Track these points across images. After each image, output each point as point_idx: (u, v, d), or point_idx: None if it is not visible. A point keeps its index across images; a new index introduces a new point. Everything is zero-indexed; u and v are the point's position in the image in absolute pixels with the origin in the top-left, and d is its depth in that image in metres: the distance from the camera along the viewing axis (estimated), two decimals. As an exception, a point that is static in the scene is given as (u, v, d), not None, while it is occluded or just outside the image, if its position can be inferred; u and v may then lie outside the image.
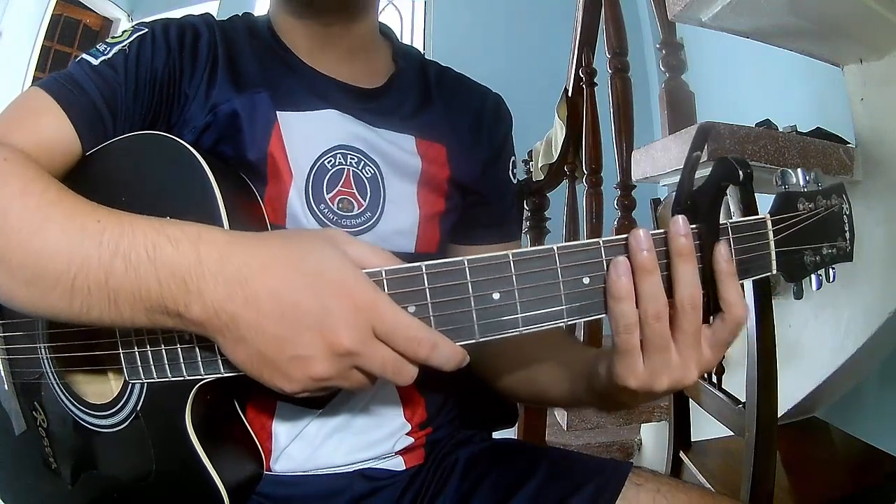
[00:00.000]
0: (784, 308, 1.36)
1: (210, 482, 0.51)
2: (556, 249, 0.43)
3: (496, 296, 0.42)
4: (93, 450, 0.57)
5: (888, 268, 1.12)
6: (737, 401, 0.95)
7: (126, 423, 0.54)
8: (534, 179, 2.20)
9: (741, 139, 1.10)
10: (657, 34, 1.92)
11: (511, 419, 0.80)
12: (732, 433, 0.97)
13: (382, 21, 0.72)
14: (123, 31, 0.60)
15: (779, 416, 0.88)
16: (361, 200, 0.62)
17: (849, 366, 1.22)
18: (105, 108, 0.55)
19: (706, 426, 1.20)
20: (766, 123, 1.32)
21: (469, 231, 0.72)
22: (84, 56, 0.57)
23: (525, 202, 2.06)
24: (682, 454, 1.24)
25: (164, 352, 0.48)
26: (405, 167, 0.64)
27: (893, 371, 1.33)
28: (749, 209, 0.57)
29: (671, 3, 1.20)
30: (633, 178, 1.53)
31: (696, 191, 0.46)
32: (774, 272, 0.48)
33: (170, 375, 0.49)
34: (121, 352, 0.50)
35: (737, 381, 0.90)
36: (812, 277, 0.50)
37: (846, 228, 0.51)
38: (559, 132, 2.06)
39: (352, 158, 0.62)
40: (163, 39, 0.59)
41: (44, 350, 0.58)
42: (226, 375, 0.46)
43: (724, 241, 0.44)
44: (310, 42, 0.65)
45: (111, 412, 0.55)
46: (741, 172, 0.44)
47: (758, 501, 0.84)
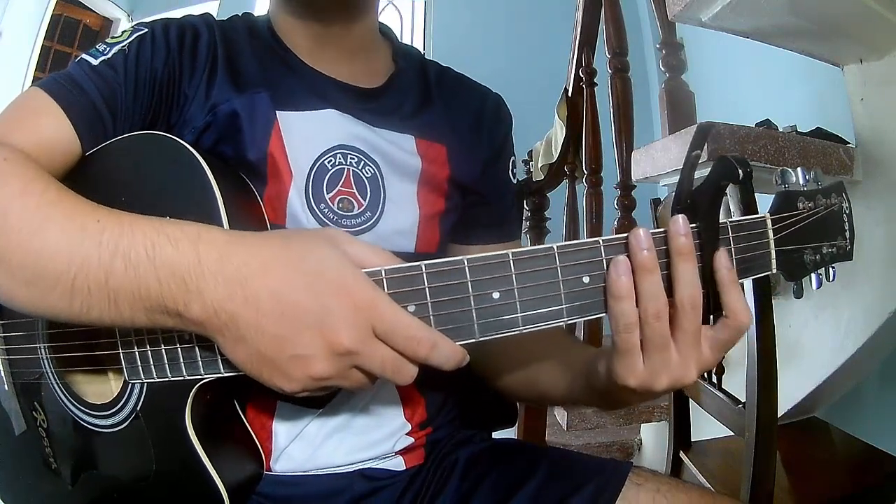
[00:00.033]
0: (784, 308, 1.36)
1: (210, 482, 0.51)
2: (556, 249, 0.43)
3: (496, 295, 0.42)
4: (93, 450, 0.57)
5: (888, 268, 1.11)
6: (737, 401, 0.95)
7: (126, 423, 0.54)
8: (534, 179, 2.20)
9: (741, 139, 1.10)
10: (657, 34, 1.92)
11: (511, 419, 0.80)
12: (732, 433, 0.97)
13: (382, 21, 0.72)
14: (123, 32, 0.60)
15: (779, 416, 0.88)
16: (361, 200, 0.62)
17: (849, 366, 1.22)
18: (105, 109, 0.55)
19: (706, 426, 1.20)
20: (766, 123, 1.32)
21: (469, 231, 0.72)
22: (84, 56, 0.57)
23: (525, 202, 2.06)
24: (682, 454, 1.24)
25: (164, 352, 0.48)
26: (405, 167, 0.64)
27: (893, 371, 1.33)
28: (749, 208, 0.57)
29: (671, 3, 1.20)
30: (633, 178, 1.53)
31: (696, 190, 0.46)
32: (774, 271, 0.48)
33: (170, 375, 0.49)
34: (121, 352, 0.50)
35: (737, 381, 0.90)
36: (812, 276, 0.50)
37: (846, 227, 0.51)
38: (559, 132, 2.06)
39: (352, 158, 0.62)
40: (162, 39, 0.59)
41: (44, 350, 0.58)
42: (226, 375, 0.46)
43: (724, 248, 0.44)
44: (310, 42, 0.65)
45: (111, 412, 0.55)
46: (741, 171, 0.44)
47: (758, 501, 0.84)
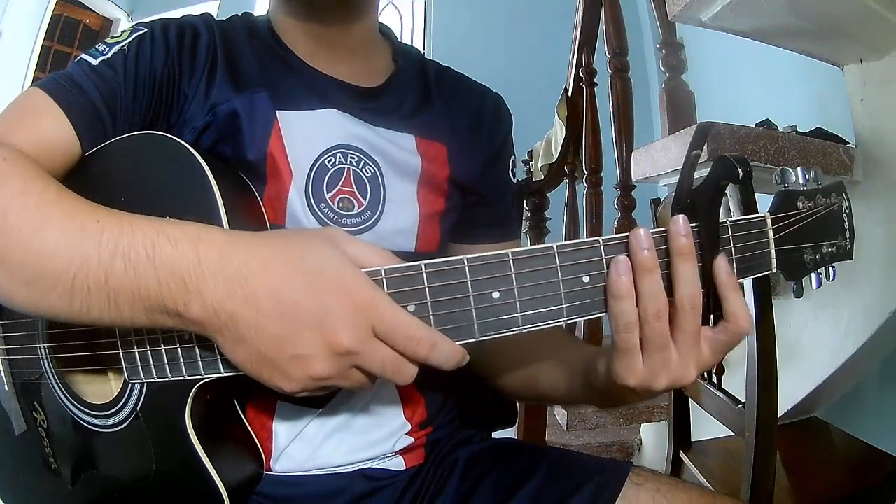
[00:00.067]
0: (784, 308, 1.36)
1: (210, 482, 0.51)
2: (556, 248, 0.43)
3: (496, 295, 0.42)
4: (93, 450, 0.57)
5: (888, 268, 1.11)
6: (737, 401, 0.95)
7: (126, 423, 0.54)
8: (534, 179, 2.21)
9: (741, 139, 1.10)
10: (657, 34, 1.92)
11: (511, 419, 0.80)
12: (732, 433, 0.97)
13: (382, 21, 0.72)
14: (123, 32, 0.60)
15: (779, 416, 0.88)
16: (362, 199, 0.62)
17: (849, 366, 1.22)
18: (104, 109, 0.55)
19: (706, 426, 1.20)
20: (766, 123, 1.32)
21: (469, 231, 0.72)
22: (83, 56, 0.57)
23: (525, 202, 2.06)
24: (682, 454, 1.24)
25: (164, 352, 0.48)
26: (405, 166, 0.64)
27: (893, 371, 1.33)
28: (749, 208, 0.57)
29: (671, 3, 1.20)
30: (633, 178, 1.53)
31: (696, 190, 0.45)
32: (774, 271, 0.48)
33: (169, 375, 0.49)
34: (120, 352, 0.50)
35: (737, 381, 0.90)
36: (812, 276, 0.49)
37: (846, 227, 0.51)
38: (559, 132, 2.06)
39: (352, 157, 0.62)
40: (162, 39, 0.59)
41: (44, 350, 0.58)
42: (225, 375, 0.46)
43: (724, 252, 0.44)
44: (310, 42, 0.65)
45: (111, 412, 0.55)
46: (741, 171, 0.44)
47: (758, 501, 0.84)
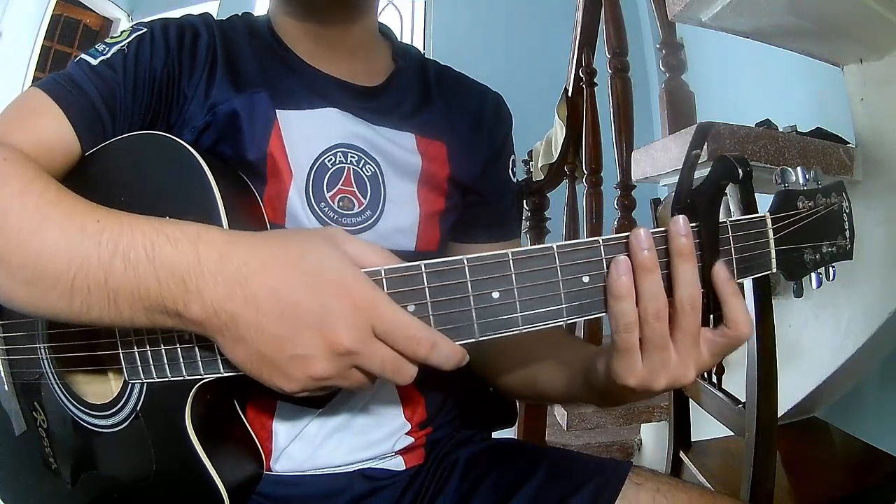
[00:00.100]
0: (784, 308, 1.36)
1: (210, 482, 0.51)
2: (556, 248, 0.43)
3: (496, 295, 0.42)
4: (93, 450, 0.57)
5: (888, 268, 1.11)
6: (737, 401, 0.95)
7: (126, 424, 0.54)
8: (534, 179, 2.21)
9: (741, 139, 1.10)
10: (657, 34, 1.92)
11: (511, 419, 0.80)
12: (732, 433, 0.97)
13: (382, 21, 0.72)
14: (122, 32, 0.60)
15: (779, 416, 0.88)
16: (362, 199, 0.61)
17: (849, 366, 1.22)
18: (104, 109, 0.55)
19: (706, 426, 1.20)
20: (766, 123, 1.32)
21: (469, 230, 0.72)
22: (83, 56, 0.57)
23: (525, 202, 2.06)
24: (682, 454, 1.24)
25: (164, 352, 0.48)
26: (405, 165, 0.64)
27: (893, 371, 1.33)
28: (749, 208, 0.57)
29: (671, 3, 1.20)
30: (633, 178, 1.53)
31: (696, 190, 0.45)
32: (774, 271, 0.48)
33: (169, 375, 0.49)
34: (120, 352, 0.50)
35: (737, 381, 0.90)
36: (812, 276, 0.49)
37: (846, 227, 0.51)
38: (559, 132, 2.06)
39: (352, 157, 0.62)
40: (162, 39, 0.58)
41: (44, 350, 0.58)
42: (225, 375, 0.46)
43: (723, 258, 0.44)
44: (309, 42, 0.65)
45: (111, 412, 0.55)
46: (740, 171, 0.44)
47: (758, 501, 0.84)
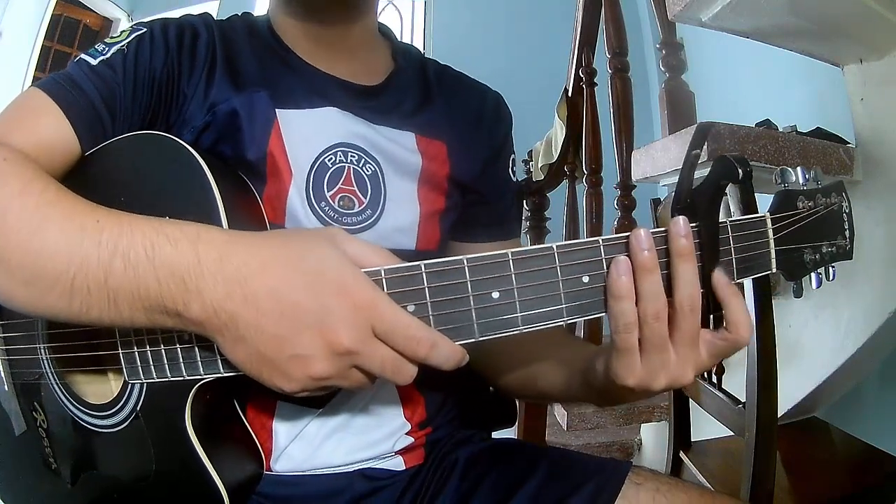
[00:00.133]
0: (784, 308, 1.36)
1: (210, 482, 0.51)
2: (556, 248, 0.43)
3: (496, 295, 0.42)
4: (93, 450, 0.57)
5: (888, 268, 1.11)
6: (737, 401, 0.95)
7: (126, 424, 0.54)
8: (534, 179, 2.21)
9: (741, 139, 1.10)
10: (657, 34, 1.92)
11: (511, 419, 0.80)
12: (732, 433, 0.97)
13: (382, 21, 0.72)
14: (122, 31, 0.60)
15: (779, 416, 0.88)
16: (362, 198, 0.61)
17: (849, 366, 1.22)
18: (104, 109, 0.55)
19: (706, 426, 1.20)
20: (766, 123, 1.32)
21: (469, 229, 0.72)
22: (83, 56, 0.57)
23: (525, 202, 2.06)
24: (682, 454, 1.24)
25: (164, 352, 0.48)
26: (405, 164, 0.64)
27: (893, 371, 1.33)
28: (749, 208, 0.57)
29: (671, 3, 1.20)
30: (633, 178, 1.53)
31: (696, 190, 0.45)
32: (774, 271, 0.48)
33: (169, 375, 0.49)
34: (120, 352, 0.50)
35: (737, 381, 0.90)
36: (812, 276, 0.49)
37: (846, 227, 0.51)
38: (559, 132, 2.06)
39: (352, 156, 0.62)
40: (161, 39, 0.59)
41: (43, 350, 0.58)
42: (225, 375, 0.46)
43: (722, 262, 0.44)
44: (309, 42, 0.65)
45: (111, 412, 0.55)
46: (740, 171, 0.44)
47: (758, 501, 0.84)
